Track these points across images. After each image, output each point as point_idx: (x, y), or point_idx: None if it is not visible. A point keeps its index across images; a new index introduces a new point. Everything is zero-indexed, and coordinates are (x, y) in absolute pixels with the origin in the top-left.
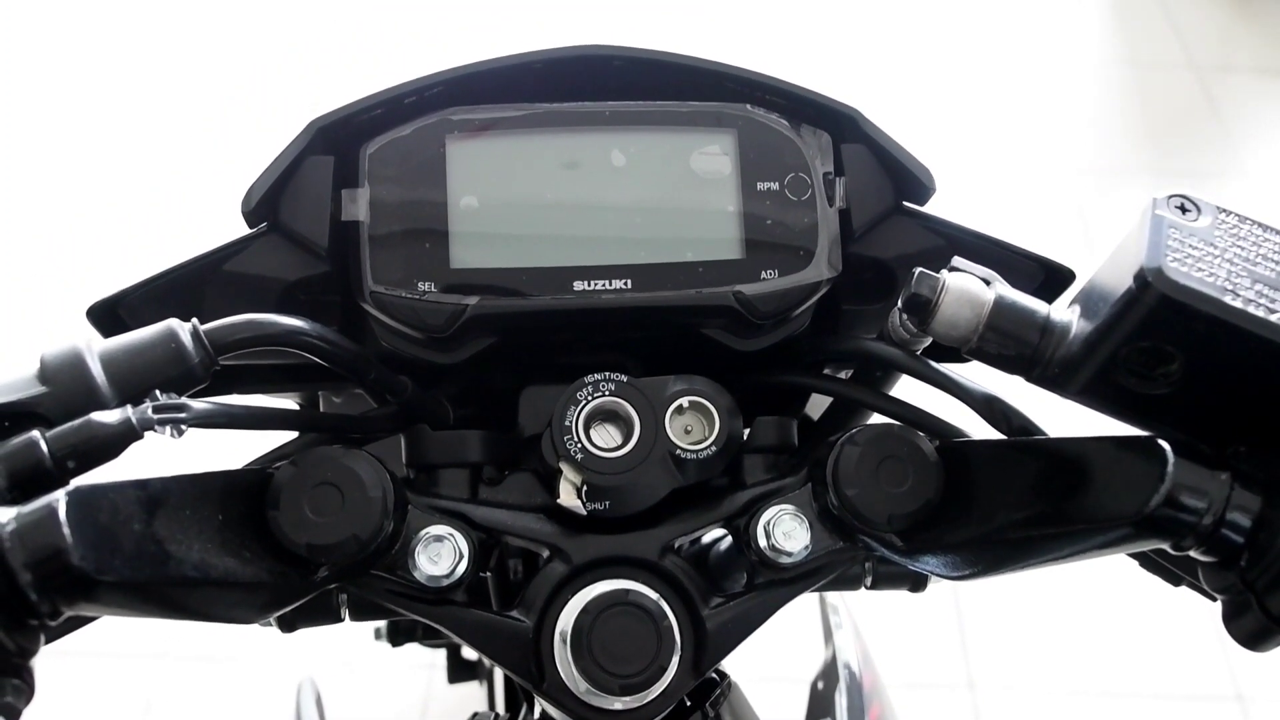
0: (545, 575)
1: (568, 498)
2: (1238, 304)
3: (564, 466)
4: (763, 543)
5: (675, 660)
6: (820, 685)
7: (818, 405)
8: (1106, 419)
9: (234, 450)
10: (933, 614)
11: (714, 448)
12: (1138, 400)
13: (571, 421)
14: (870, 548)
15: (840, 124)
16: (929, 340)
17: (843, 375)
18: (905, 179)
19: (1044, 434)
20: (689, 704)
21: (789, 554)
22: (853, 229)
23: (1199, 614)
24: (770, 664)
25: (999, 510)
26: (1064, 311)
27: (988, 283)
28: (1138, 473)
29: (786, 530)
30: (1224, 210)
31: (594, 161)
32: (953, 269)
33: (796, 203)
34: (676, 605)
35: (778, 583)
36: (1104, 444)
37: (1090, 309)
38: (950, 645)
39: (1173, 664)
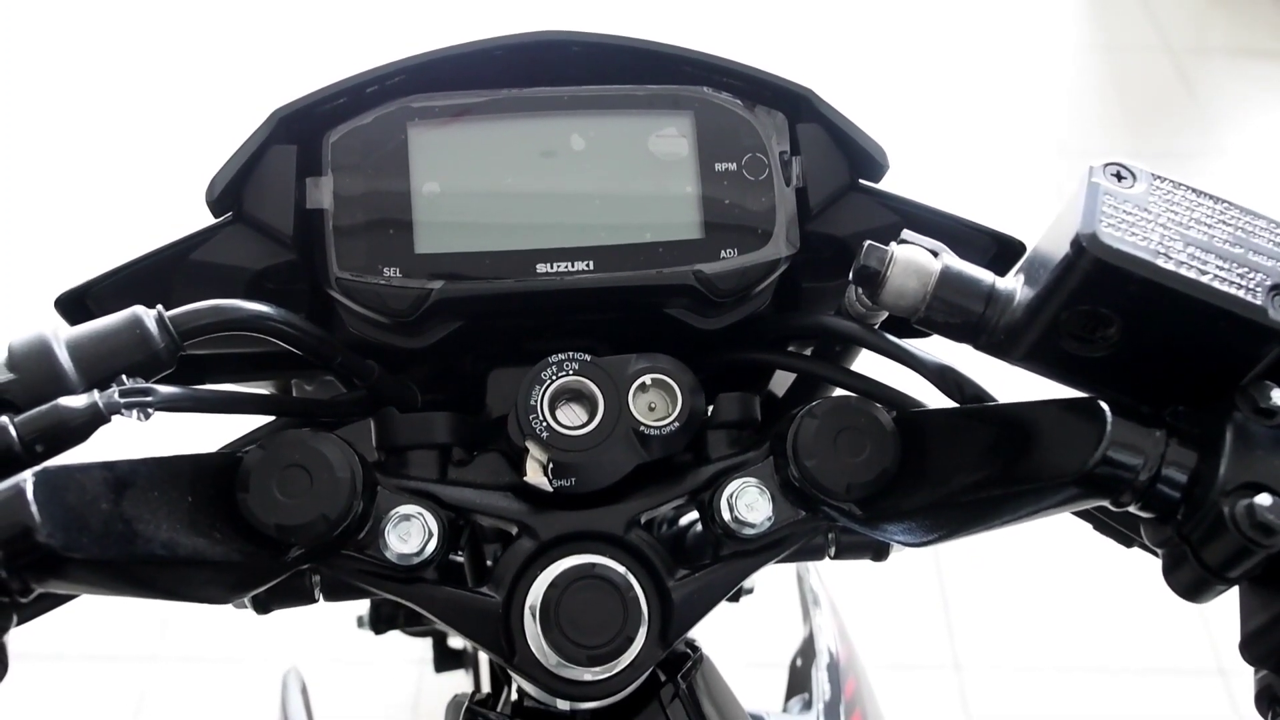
0: (513, 551)
1: (534, 475)
2: (1170, 266)
3: (530, 445)
4: (726, 515)
5: (642, 631)
6: (799, 662)
7: (783, 381)
8: (1058, 385)
9: (211, 438)
10: (918, 594)
11: (676, 424)
12: (1080, 364)
13: (536, 401)
14: (831, 518)
15: (795, 104)
16: (884, 315)
17: (806, 352)
18: (860, 157)
19: (995, 400)
20: (662, 677)
21: (752, 525)
22: (810, 207)
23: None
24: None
25: (953, 476)
26: (1009, 280)
27: (935, 254)
28: (1078, 433)
29: (749, 502)
30: (1159, 177)
31: (554, 146)
32: (901, 241)
33: (754, 182)
34: (643, 577)
35: (742, 554)
36: (1048, 407)
37: (1032, 276)
38: (935, 626)
39: (1155, 639)
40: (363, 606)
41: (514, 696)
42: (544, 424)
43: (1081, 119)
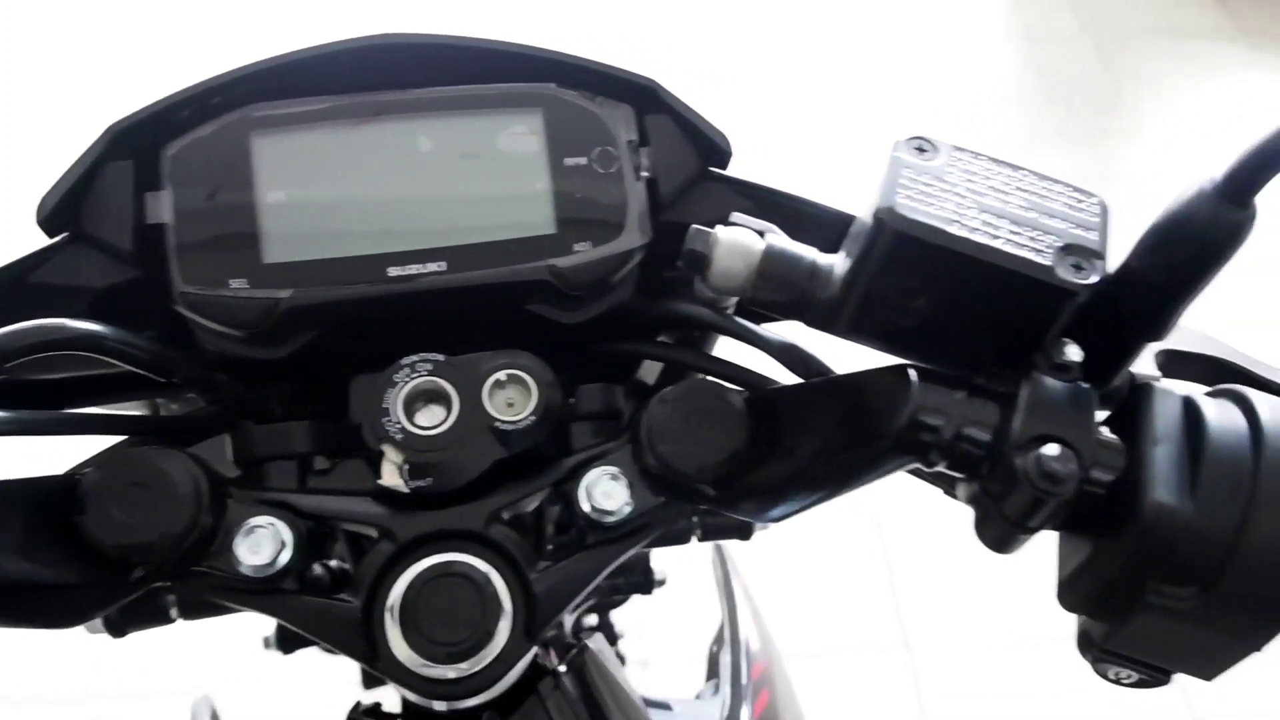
0: (373, 555)
1: (389, 478)
2: (962, 233)
3: (385, 448)
4: (585, 505)
5: (504, 624)
6: (715, 648)
7: (655, 370)
8: None
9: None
10: (865, 576)
11: (533, 418)
12: (899, 334)
13: (390, 404)
14: (689, 500)
15: (641, 96)
16: (735, 299)
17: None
18: (707, 146)
19: (834, 374)
20: (551, 670)
21: (610, 513)
22: (661, 197)
23: None
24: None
25: (799, 449)
26: (831, 257)
27: (761, 234)
28: (889, 398)
29: (606, 491)
30: (959, 149)
31: (401, 149)
32: (729, 223)
33: (604, 175)
34: (505, 572)
35: (606, 542)
36: (871, 375)
37: (849, 252)
38: (884, 606)
39: None
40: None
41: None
42: (398, 426)
43: (1009, 109)
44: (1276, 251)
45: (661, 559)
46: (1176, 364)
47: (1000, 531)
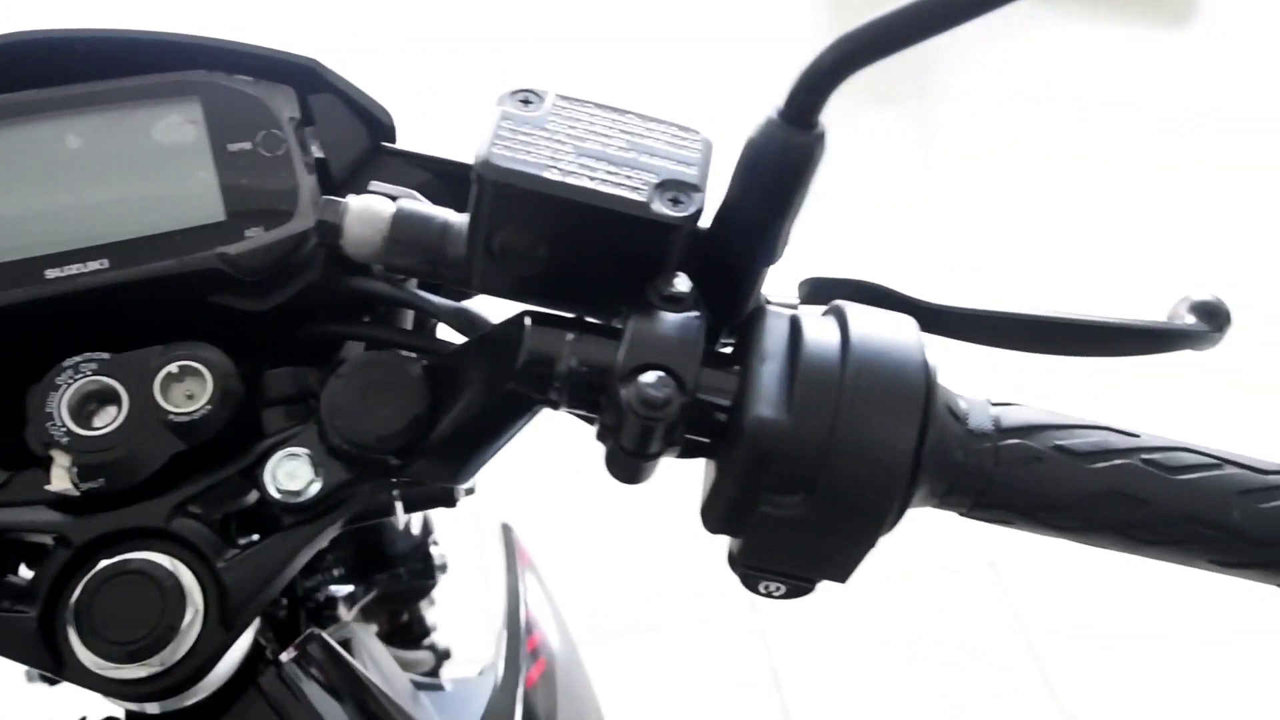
0: (49, 562)
1: (58, 482)
2: (556, 177)
3: (53, 454)
4: (271, 488)
5: (192, 618)
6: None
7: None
8: None
9: None
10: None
11: (209, 408)
12: (528, 284)
13: (54, 408)
14: (376, 472)
15: (303, 76)
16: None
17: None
18: (373, 121)
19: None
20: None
21: (297, 493)
22: (333, 176)
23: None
24: None
25: (466, 407)
26: (464, 215)
27: (394, 199)
28: (509, 345)
29: (289, 471)
30: (565, 98)
31: (49, 149)
32: (367, 191)
33: (272, 158)
34: (193, 564)
35: (300, 523)
36: (500, 326)
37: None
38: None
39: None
40: None
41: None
42: (63, 429)
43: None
44: None
45: (447, 546)
46: (820, 291)
47: (624, 463)
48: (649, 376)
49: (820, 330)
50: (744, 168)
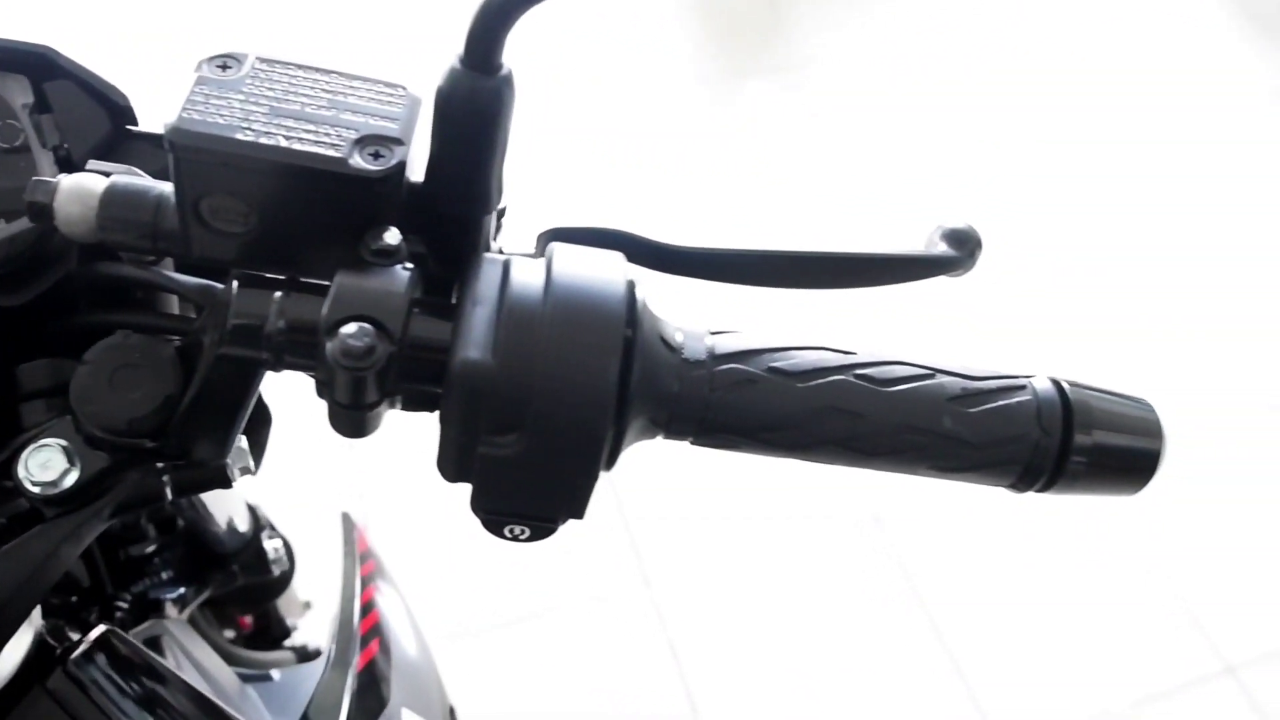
0: None
1: None
2: (249, 138)
3: None
4: (26, 480)
5: None
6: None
7: None
8: None
9: None
10: (601, 528)
11: None
12: (246, 249)
13: None
14: (134, 457)
15: (37, 64)
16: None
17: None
18: (113, 106)
19: None
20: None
21: (53, 484)
22: (74, 162)
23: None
24: None
25: (209, 380)
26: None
27: (108, 175)
28: (221, 310)
29: (42, 462)
30: (265, 60)
31: None
32: (86, 170)
33: (11, 149)
34: None
35: (63, 514)
36: (226, 293)
37: None
38: (623, 554)
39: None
40: None
41: None
42: None
43: (672, 52)
44: None
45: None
46: (559, 240)
47: (343, 417)
48: (349, 328)
49: (526, 272)
50: (438, 118)
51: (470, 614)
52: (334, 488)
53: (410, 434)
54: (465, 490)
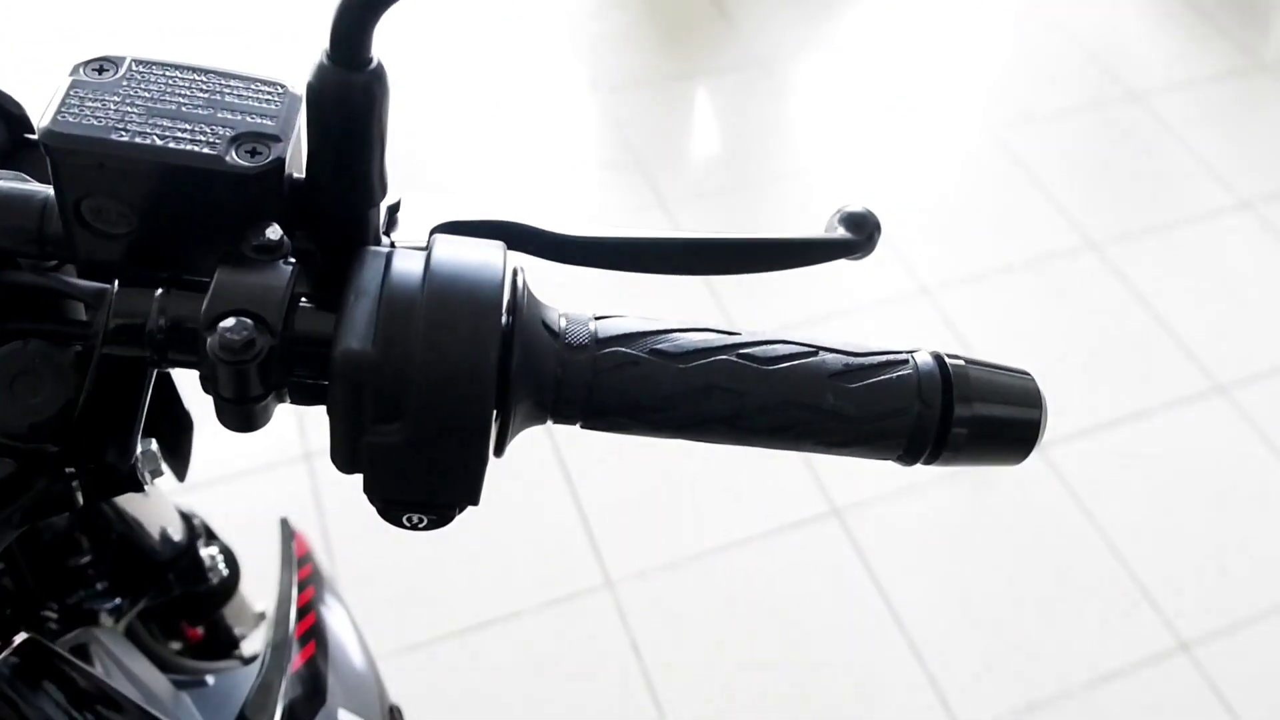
0: None
1: None
2: (123, 139)
3: None
4: None
5: None
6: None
7: None
8: None
9: None
10: (562, 522)
11: None
12: (131, 251)
13: None
14: (37, 462)
15: None
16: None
17: None
18: (7, 115)
19: None
20: None
21: None
22: None
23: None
24: None
25: (91, 379)
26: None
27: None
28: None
29: None
30: (143, 61)
31: None
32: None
33: None
34: None
35: None
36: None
37: None
38: (581, 549)
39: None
40: None
41: None
42: None
43: (621, 52)
44: None
45: (237, 545)
46: (452, 233)
47: (230, 411)
48: (229, 322)
49: (406, 261)
50: (311, 115)
51: (432, 623)
52: (287, 501)
53: None
54: None
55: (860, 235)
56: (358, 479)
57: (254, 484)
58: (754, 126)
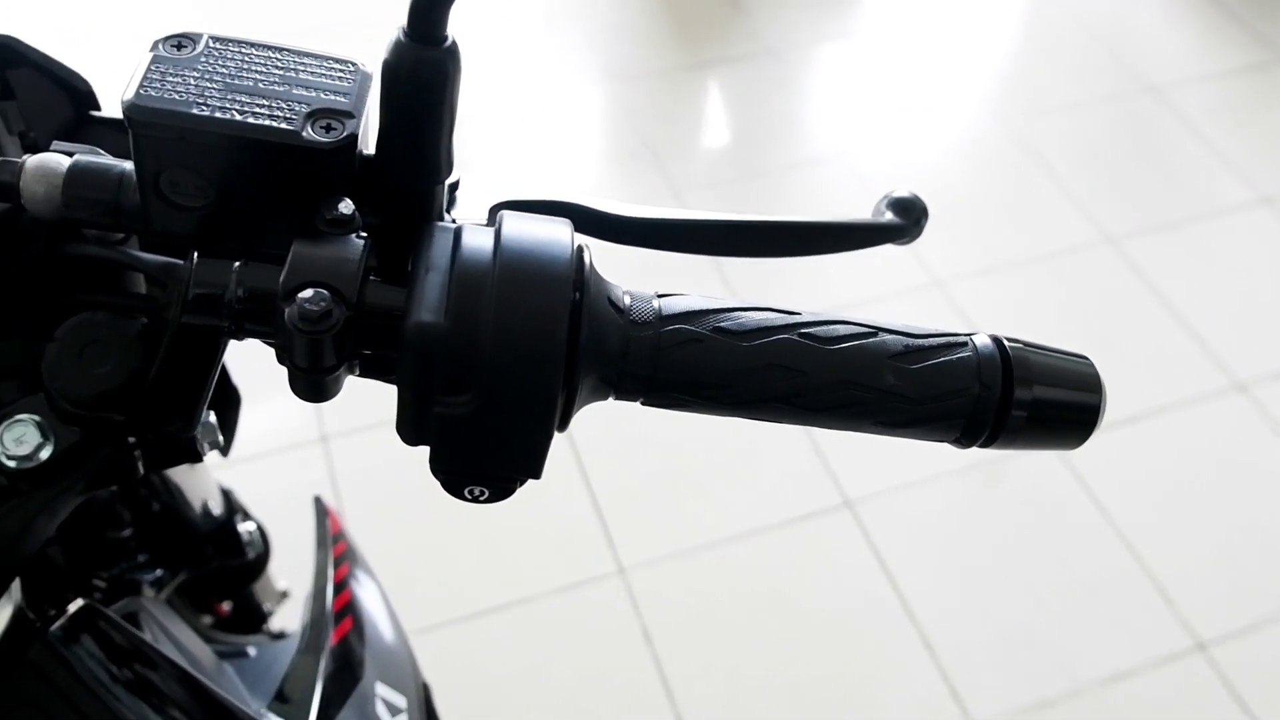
0: None
1: None
2: (205, 113)
3: None
4: (0, 455)
5: None
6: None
7: None
8: None
9: None
10: (575, 513)
11: None
12: (206, 223)
13: None
14: (104, 430)
15: (0, 54)
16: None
17: None
18: (74, 92)
19: None
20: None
21: (29, 458)
22: (39, 147)
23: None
24: None
25: (166, 348)
26: None
27: (72, 155)
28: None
29: (16, 436)
30: (218, 39)
31: None
32: (51, 149)
33: None
34: None
35: (39, 487)
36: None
37: None
38: (595, 537)
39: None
40: None
41: None
42: None
43: (636, 44)
44: None
45: (267, 520)
46: (507, 210)
47: (303, 381)
48: (307, 293)
49: (477, 237)
50: (385, 91)
51: (450, 607)
52: (304, 483)
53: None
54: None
55: (908, 220)
56: (375, 463)
57: (272, 465)
58: (766, 116)
